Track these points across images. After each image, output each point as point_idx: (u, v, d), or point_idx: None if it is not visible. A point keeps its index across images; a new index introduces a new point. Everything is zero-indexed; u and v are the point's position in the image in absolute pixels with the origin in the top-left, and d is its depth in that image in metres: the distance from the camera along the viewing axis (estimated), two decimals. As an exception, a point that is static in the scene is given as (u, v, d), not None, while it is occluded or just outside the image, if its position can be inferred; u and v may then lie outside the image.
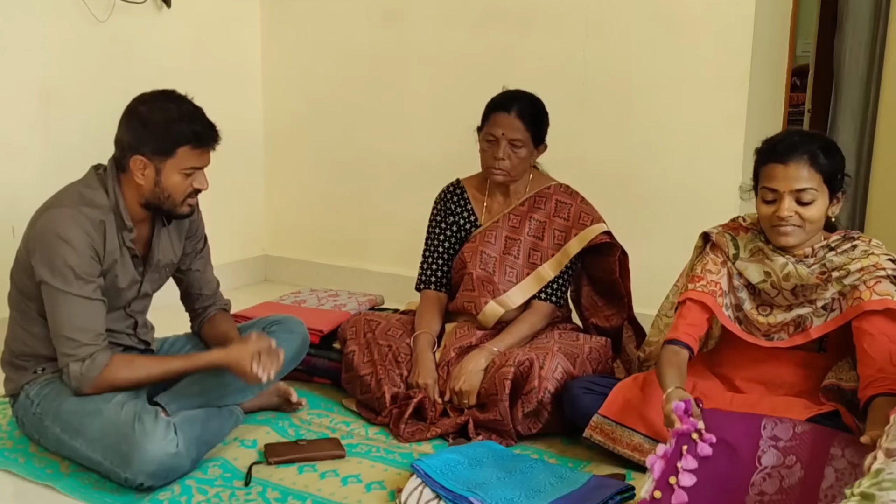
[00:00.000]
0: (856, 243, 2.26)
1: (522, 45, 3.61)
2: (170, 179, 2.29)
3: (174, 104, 2.29)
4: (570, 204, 2.81)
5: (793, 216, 2.20)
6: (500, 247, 2.81)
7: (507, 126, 2.69)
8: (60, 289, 2.22)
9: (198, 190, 2.35)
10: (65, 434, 2.27)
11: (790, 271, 2.26)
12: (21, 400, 2.37)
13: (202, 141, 2.29)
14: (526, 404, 2.50)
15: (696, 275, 2.41)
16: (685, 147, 3.37)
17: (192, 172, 2.31)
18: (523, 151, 2.72)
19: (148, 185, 2.29)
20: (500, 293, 2.78)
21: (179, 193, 2.32)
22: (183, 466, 2.24)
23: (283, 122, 4.29)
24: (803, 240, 2.25)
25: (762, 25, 3.27)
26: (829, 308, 2.26)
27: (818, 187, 2.19)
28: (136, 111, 2.29)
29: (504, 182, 2.78)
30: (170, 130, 2.25)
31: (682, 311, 2.39)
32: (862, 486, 1.47)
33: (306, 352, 2.72)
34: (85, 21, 3.42)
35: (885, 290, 2.18)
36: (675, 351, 2.32)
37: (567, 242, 2.77)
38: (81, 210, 2.26)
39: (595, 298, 2.92)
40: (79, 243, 2.23)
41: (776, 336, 2.33)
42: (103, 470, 2.24)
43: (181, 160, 2.28)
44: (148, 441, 2.16)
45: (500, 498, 2.07)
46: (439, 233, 2.92)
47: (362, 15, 3.97)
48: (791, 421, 2.02)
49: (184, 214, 2.39)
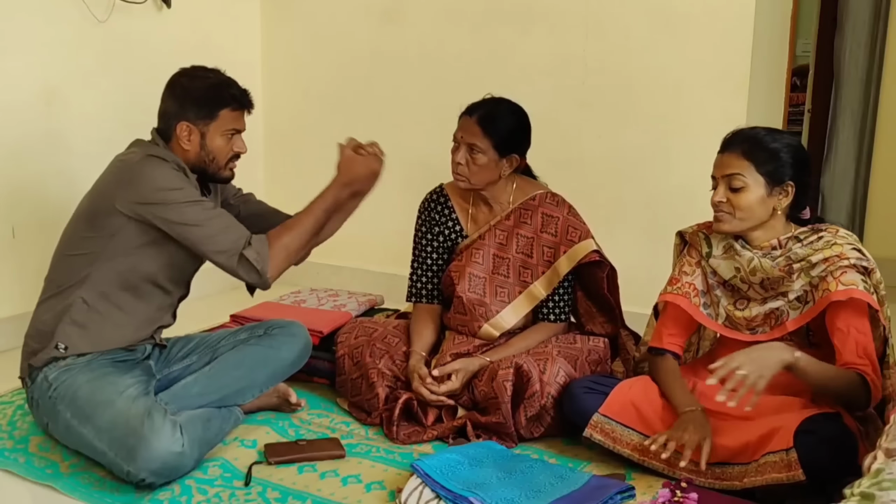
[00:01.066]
0: (822, 234, 2.30)
1: (522, 44, 3.61)
2: (214, 142, 2.43)
3: (212, 73, 2.47)
4: (556, 217, 2.75)
5: (724, 202, 2.29)
6: (488, 266, 2.77)
7: (466, 130, 2.66)
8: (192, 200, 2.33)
9: (237, 154, 2.48)
10: (74, 419, 2.28)
11: (755, 265, 2.31)
12: (39, 382, 2.37)
13: (241, 103, 2.46)
14: (528, 408, 2.49)
15: (673, 276, 2.51)
16: (685, 147, 3.37)
17: (233, 135, 2.46)
18: (482, 158, 2.64)
19: (194, 149, 2.42)
20: (493, 314, 2.75)
21: (223, 156, 2.45)
22: (186, 466, 2.25)
23: (283, 122, 4.29)
24: (738, 228, 2.32)
25: (762, 25, 3.27)
26: (804, 300, 2.29)
27: (748, 175, 2.27)
28: (177, 83, 2.45)
29: (467, 188, 2.72)
30: (211, 95, 2.42)
31: (664, 317, 2.50)
32: (862, 486, 1.47)
33: (308, 356, 2.71)
34: (85, 21, 3.42)
35: (850, 280, 2.21)
36: (668, 360, 2.44)
37: (556, 260, 2.73)
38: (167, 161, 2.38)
39: (589, 305, 2.90)
40: (185, 184, 2.36)
41: (759, 330, 2.36)
42: (106, 461, 2.25)
43: (223, 122, 2.42)
44: (155, 438, 2.18)
45: (500, 498, 2.07)
46: (426, 244, 2.88)
47: (362, 15, 3.97)
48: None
49: (227, 178, 2.52)
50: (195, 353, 2.60)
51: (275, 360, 2.53)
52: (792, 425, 2.11)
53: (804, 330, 2.33)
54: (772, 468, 2.10)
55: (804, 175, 2.32)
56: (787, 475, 2.06)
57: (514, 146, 2.70)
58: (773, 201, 2.29)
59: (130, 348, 2.45)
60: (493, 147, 2.65)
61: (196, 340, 2.66)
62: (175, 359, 2.59)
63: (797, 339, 2.34)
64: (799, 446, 2.06)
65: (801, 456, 2.05)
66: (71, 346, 2.36)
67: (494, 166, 2.68)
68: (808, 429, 2.10)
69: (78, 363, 2.35)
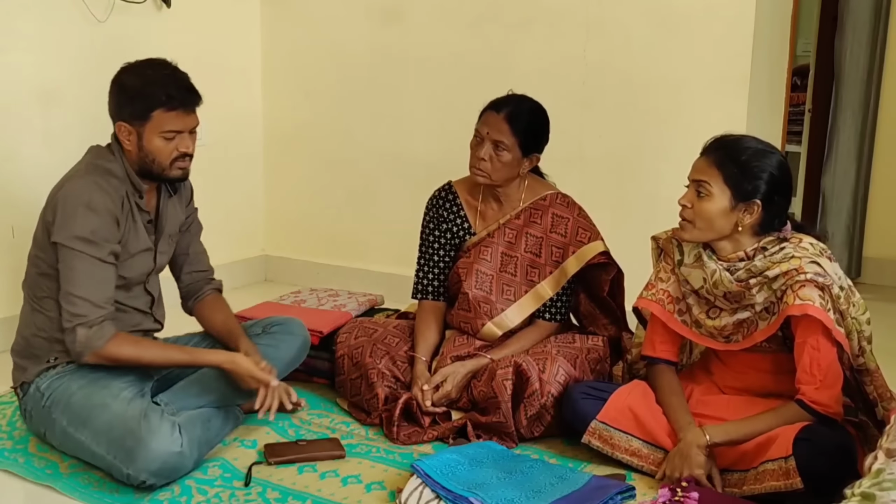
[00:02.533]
0: (784, 246, 2.25)
1: (522, 44, 3.61)
2: (151, 143, 2.32)
3: (152, 70, 2.34)
4: (567, 218, 2.75)
5: (688, 207, 2.28)
6: (496, 264, 2.77)
7: (493, 126, 2.65)
8: (79, 250, 2.25)
9: (185, 153, 2.36)
10: (71, 426, 2.28)
11: (717, 279, 2.28)
12: (31, 393, 2.37)
13: (174, 104, 2.30)
14: (528, 408, 2.49)
15: (650, 281, 2.49)
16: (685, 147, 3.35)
17: (174, 136, 2.33)
18: (507, 156, 2.65)
19: (134, 150, 2.34)
20: (497, 312, 2.74)
21: (164, 157, 2.34)
22: (185, 467, 2.25)
23: (283, 122, 4.29)
24: (698, 238, 2.30)
25: (762, 25, 3.27)
26: (771, 311, 2.26)
27: (714, 185, 2.24)
28: (117, 80, 2.36)
29: (486, 184, 2.71)
30: (143, 95, 2.30)
31: (653, 324, 2.48)
32: (862, 486, 1.46)
33: (307, 354, 2.72)
34: (85, 21, 3.42)
35: (806, 296, 2.17)
36: (664, 371, 2.44)
37: (565, 260, 2.72)
38: (101, 178, 2.31)
39: (592, 307, 2.90)
40: (101, 208, 2.27)
41: (733, 339, 2.34)
42: (106, 465, 2.25)
43: (157, 123, 2.30)
44: (153, 438, 2.17)
45: (501, 498, 2.07)
46: (433, 241, 2.87)
47: (362, 15, 3.97)
48: None
49: (175, 178, 2.40)
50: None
51: (274, 359, 2.52)
52: (791, 433, 2.11)
53: (780, 337, 2.31)
54: (770, 476, 2.10)
55: (779, 196, 2.26)
56: (784, 483, 2.07)
57: (537, 145, 2.72)
58: (735, 216, 2.24)
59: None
60: (518, 145, 2.65)
61: (195, 340, 2.66)
62: None
63: (774, 345, 2.33)
64: (798, 454, 2.06)
65: (800, 463, 2.05)
66: (60, 356, 2.37)
67: (517, 164, 2.69)
68: (806, 436, 2.10)
69: (68, 369, 2.35)
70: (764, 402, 2.31)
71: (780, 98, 3.72)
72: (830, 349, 2.19)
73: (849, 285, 2.26)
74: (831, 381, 2.20)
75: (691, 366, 2.60)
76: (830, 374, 2.19)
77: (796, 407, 2.20)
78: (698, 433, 2.23)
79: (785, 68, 3.74)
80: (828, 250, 2.26)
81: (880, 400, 2.29)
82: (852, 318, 2.25)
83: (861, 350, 2.28)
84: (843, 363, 2.25)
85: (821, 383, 2.18)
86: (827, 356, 2.19)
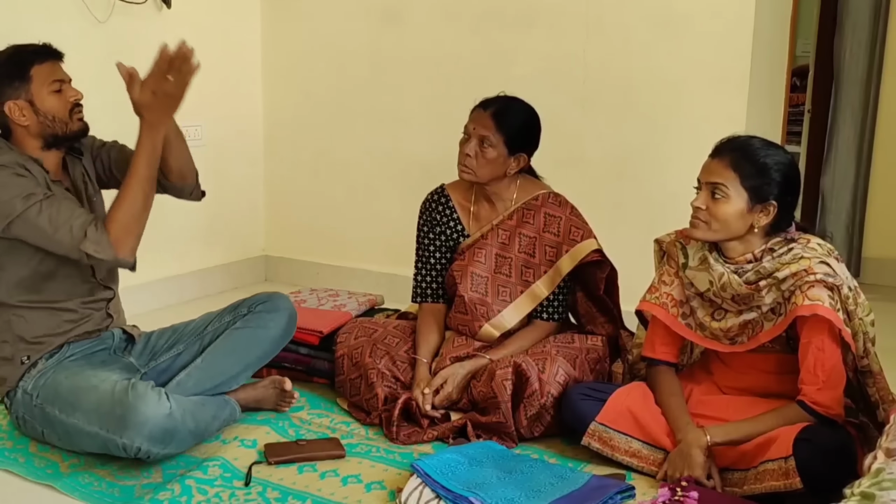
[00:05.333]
0: (792, 246, 2.25)
1: (522, 44, 3.61)
2: (45, 103, 2.35)
3: (10, 48, 2.40)
4: (559, 217, 2.75)
5: (703, 209, 2.26)
6: (490, 266, 2.77)
7: (479, 122, 2.66)
8: (30, 204, 2.24)
9: (77, 103, 2.40)
10: (63, 413, 2.30)
11: (725, 282, 2.28)
12: (19, 398, 2.39)
13: (43, 57, 2.38)
14: (528, 408, 2.49)
15: (653, 284, 2.49)
16: (685, 147, 3.36)
17: (60, 86, 2.38)
18: (491, 152, 2.65)
19: (32, 121, 2.35)
20: (494, 314, 2.75)
21: (62, 111, 2.38)
22: (179, 432, 2.27)
23: (283, 122, 4.29)
24: (711, 237, 2.30)
25: (762, 25, 3.27)
26: (778, 312, 2.25)
27: (732, 187, 2.22)
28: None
29: (472, 181, 2.72)
30: (14, 62, 2.36)
31: (654, 325, 2.48)
32: (862, 485, 1.47)
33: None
34: (85, 21, 3.42)
35: (815, 296, 2.16)
36: (664, 372, 2.44)
37: (559, 259, 2.73)
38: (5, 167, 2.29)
39: (590, 306, 2.90)
40: (8, 174, 2.27)
41: (738, 340, 2.34)
42: (101, 441, 2.26)
43: (40, 79, 2.35)
44: (141, 402, 2.21)
45: (501, 498, 2.07)
46: (428, 244, 2.88)
47: (362, 15, 3.97)
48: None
49: (80, 129, 2.42)
50: (182, 342, 2.62)
51: (264, 339, 2.56)
52: (791, 433, 2.11)
53: (784, 338, 2.31)
54: (770, 476, 2.10)
55: (790, 195, 2.27)
56: (784, 483, 2.07)
57: (524, 145, 2.72)
58: (752, 218, 2.24)
59: (93, 335, 2.47)
60: (504, 142, 2.66)
61: (181, 329, 2.67)
62: (161, 350, 2.61)
63: (778, 346, 2.33)
64: (798, 454, 2.06)
65: (800, 464, 2.05)
66: (32, 354, 2.39)
67: (502, 162, 2.69)
68: (807, 437, 2.10)
69: (50, 365, 2.38)
70: (764, 403, 2.31)
71: (779, 98, 3.72)
72: (835, 350, 2.19)
73: (855, 286, 2.26)
74: (834, 382, 2.20)
75: (691, 366, 2.60)
76: (834, 375, 2.19)
77: (797, 408, 2.20)
78: (699, 433, 2.23)
79: (784, 68, 3.74)
80: (835, 251, 2.26)
81: (882, 402, 2.29)
82: (859, 320, 2.24)
83: (866, 352, 2.27)
84: (847, 364, 2.25)
85: (823, 384, 2.18)
86: (831, 357, 2.19)
